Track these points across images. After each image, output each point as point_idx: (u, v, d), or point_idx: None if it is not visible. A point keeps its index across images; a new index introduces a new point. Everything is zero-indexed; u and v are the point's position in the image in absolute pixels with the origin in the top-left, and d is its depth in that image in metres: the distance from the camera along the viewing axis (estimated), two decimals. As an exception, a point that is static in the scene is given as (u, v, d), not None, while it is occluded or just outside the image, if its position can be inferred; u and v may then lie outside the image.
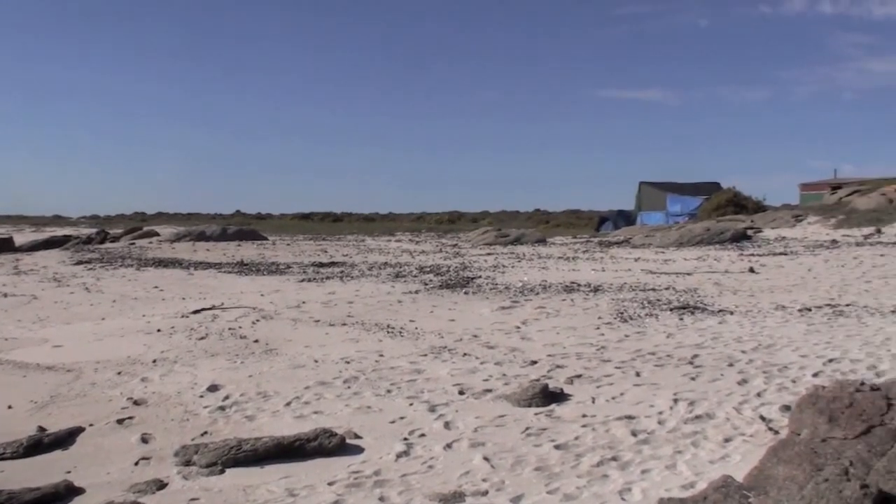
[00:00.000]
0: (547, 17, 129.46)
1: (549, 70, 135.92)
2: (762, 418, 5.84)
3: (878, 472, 3.75)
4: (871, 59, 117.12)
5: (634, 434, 5.66)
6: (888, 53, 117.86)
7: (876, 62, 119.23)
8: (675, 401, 6.45)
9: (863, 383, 4.68)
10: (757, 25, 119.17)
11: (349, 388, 7.31)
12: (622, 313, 11.11)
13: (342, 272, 19.35)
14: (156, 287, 16.71)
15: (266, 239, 38.30)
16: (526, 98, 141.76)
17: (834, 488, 3.48)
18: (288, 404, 6.82)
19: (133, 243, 34.48)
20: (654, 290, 14.00)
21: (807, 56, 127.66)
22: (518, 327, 10.33)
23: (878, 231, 28.31)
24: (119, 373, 8.23)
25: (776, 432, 5.42)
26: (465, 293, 14.26)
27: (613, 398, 6.68)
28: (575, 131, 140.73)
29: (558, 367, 7.92)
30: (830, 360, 7.66)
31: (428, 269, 19.59)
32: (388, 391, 7.16)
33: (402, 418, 6.31)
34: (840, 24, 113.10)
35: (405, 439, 5.78)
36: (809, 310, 10.86)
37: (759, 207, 43.14)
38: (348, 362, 8.38)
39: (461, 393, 7.02)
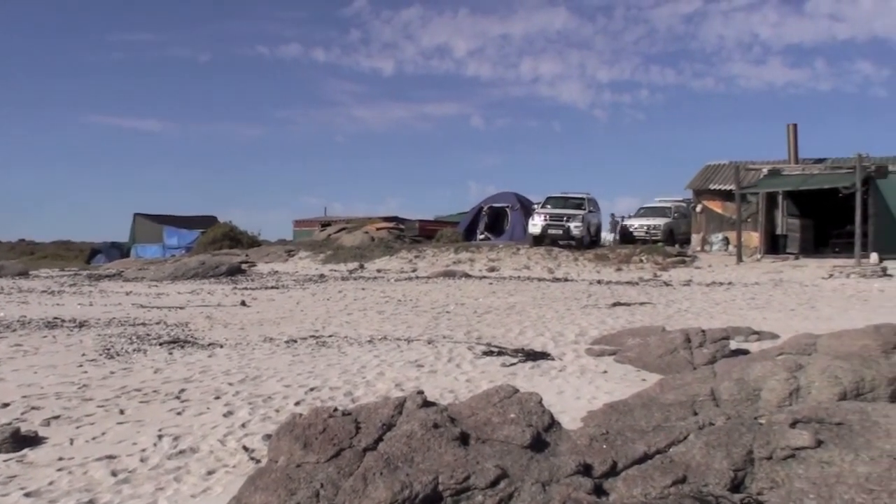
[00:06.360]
0: (29, 36, 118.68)
1: (30, 92, 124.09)
2: (245, 448, 5.98)
3: (345, 492, 4.03)
4: (358, 107, 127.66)
5: (115, 474, 5.44)
6: (371, 102, 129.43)
7: (362, 109, 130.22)
8: (160, 437, 6.33)
9: (336, 409, 5.00)
10: (255, 66, 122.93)
11: None
12: (108, 349, 10.61)
13: None
14: None
15: None
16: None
17: (305, 511, 3.65)
18: None
19: None
20: (144, 324, 13.61)
21: (302, 99, 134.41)
22: (-12, 367, 9.34)
23: (362, 266, 30.93)
24: None
25: (258, 461, 5.57)
26: (-75, 330, 12.55)
27: (94, 438, 6.35)
28: (62, 157, 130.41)
29: (34, 408, 7.31)
30: (312, 389, 8.12)
31: None
32: None
33: None
34: (332, 72, 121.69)
35: None
36: (296, 341, 11.39)
37: (255, 242, 44.43)
38: None
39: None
